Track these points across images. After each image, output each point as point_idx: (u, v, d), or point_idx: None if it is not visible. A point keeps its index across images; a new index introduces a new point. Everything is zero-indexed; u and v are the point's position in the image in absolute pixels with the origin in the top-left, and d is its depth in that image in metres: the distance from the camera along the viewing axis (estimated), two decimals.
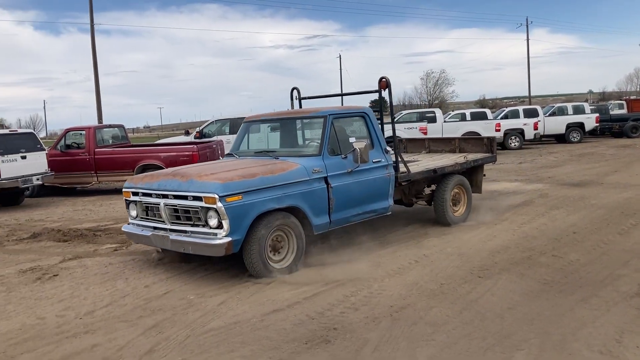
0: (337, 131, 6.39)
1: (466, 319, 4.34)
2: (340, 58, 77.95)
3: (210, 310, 4.80)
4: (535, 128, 22.01)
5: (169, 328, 4.46)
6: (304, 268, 5.82)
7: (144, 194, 5.98)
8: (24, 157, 11.71)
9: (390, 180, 6.72)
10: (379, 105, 6.93)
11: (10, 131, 12.82)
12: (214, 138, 15.48)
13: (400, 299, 4.86)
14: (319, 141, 6.27)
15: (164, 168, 11.21)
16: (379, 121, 7.04)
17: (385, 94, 6.90)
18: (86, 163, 13.50)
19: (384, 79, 6.72)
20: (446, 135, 19.18)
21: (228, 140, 14.63)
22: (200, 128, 17.14)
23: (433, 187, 7.88)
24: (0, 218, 10.58)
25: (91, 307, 5.07)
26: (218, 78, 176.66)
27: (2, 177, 11.19)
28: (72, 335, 4.40)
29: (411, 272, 5.60)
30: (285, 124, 7.09)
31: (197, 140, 15.40)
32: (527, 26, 50.97)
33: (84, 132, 13.76)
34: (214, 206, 5.24)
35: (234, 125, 15.73)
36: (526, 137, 21.95)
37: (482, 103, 75.23)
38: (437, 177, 7.59)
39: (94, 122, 24.43)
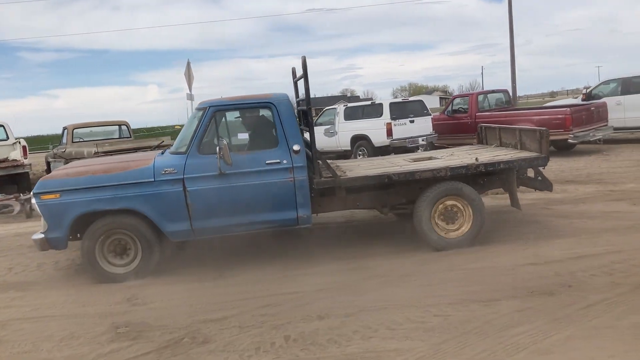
0: (221, 125, 5.67)
1: None
2: None
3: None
4: None
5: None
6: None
7: None
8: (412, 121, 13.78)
9: (296, 186, 5.41)
10: (306, 94, 5.55)
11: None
12: (602, 100, 14.02)
13: None
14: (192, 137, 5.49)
15: None
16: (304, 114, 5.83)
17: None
18: (468, 126, 14.22)
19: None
20: None
21: (618, 102, 13.93)
22: (590, 89, 15.29)
23: None
24: None
25: None
26: None
27: None
28: None
29: None
30: (192, 115, 6.12)
31: (573, 103, 14.70)
32: None
33: (467, 98, 14.87)
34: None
35: (626, 85, 14.10)
36: None
37: None
38: (425, 182, 5.73)
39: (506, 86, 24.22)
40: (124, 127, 14.76)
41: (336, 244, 6.21)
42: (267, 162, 5.42)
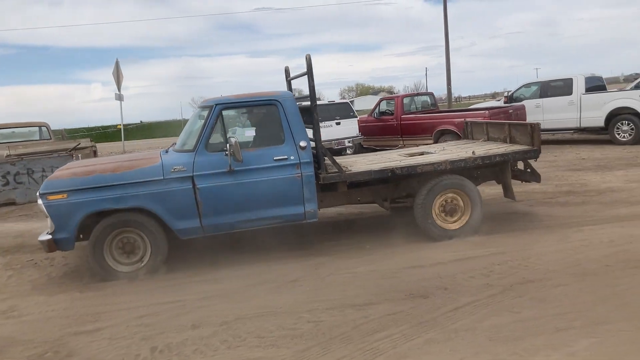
0: (227, 123, 5.71)
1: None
2: None
3: None
4: None
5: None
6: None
7: None
8: (338, 124, 14.05)
9: (304, 181, 5.55)
10: (310, 91, 5.66)
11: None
12: (521, 103, 14.50)
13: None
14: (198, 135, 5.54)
15: (458, 134, 11.94)
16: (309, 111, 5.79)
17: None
18: (393, 128, 14.53)
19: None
20: None
21: (537, 105, 14.54)
22: (511, 92, 15.74)
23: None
24: None
25: None
26: (612, 31, 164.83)
27: None
28: None
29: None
30: (196, 113, 6.21)
31: (491, 106, 14.95)
32: None
33: (393, 100, 14.87)
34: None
35: (544, 88, 14.70)
36: None
37: None
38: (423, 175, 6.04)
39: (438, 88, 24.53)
40: (44, 129, 14.23)
41: (229, 249, 6.16)
42: (275, 158, 5.53)
